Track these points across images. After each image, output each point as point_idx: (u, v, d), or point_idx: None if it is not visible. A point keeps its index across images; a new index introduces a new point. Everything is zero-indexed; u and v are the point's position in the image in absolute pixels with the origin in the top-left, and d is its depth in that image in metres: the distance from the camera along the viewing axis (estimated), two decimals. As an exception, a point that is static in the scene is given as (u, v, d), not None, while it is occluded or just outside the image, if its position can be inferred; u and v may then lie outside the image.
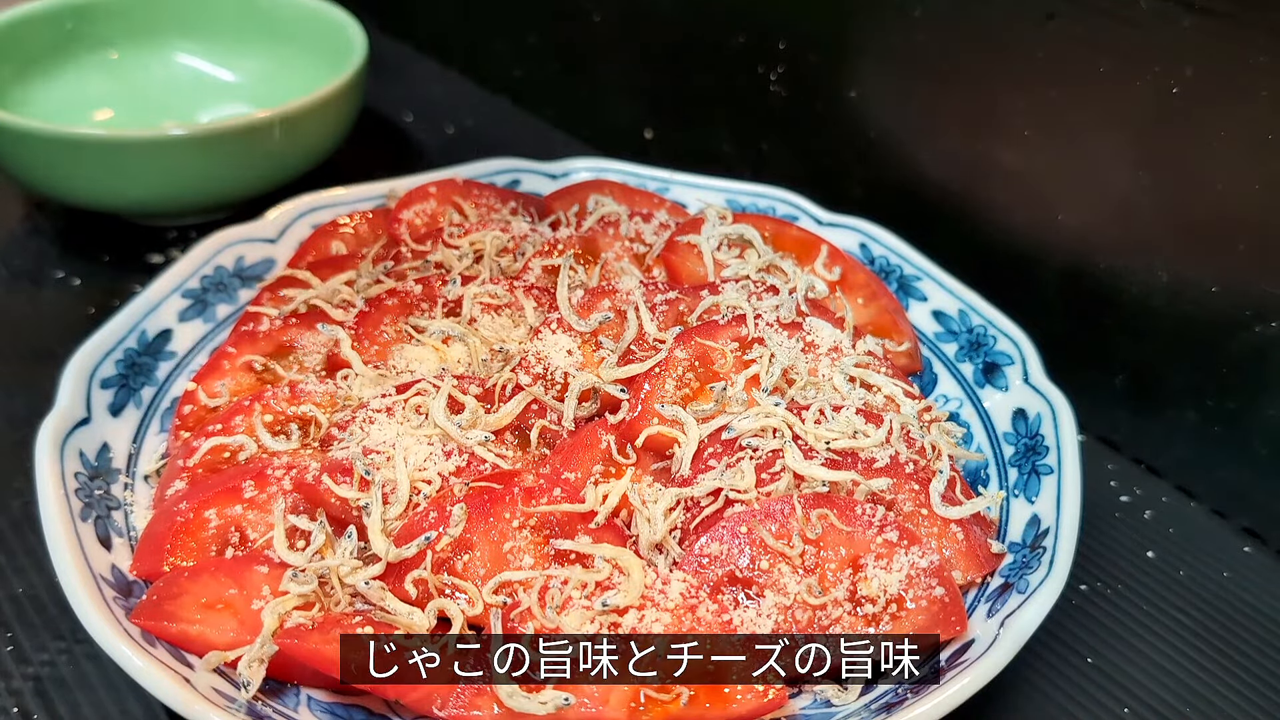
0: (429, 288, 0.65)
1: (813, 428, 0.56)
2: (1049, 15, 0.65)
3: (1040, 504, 0.56)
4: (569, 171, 0.82)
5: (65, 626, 0.55)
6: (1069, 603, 0.59)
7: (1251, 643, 0.58)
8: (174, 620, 0.48)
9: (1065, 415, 0.59)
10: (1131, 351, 0.69)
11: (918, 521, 0.54)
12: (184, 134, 0.77)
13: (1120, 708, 0.54)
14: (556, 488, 0.53)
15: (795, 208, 0.77)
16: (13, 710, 0.51)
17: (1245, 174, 0.59)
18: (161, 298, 0.66)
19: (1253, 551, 0.64)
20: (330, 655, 0.45)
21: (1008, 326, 0.65)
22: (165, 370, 0.64)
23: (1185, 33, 0.59)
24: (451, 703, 0.45)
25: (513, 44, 1.09)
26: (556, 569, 0.50)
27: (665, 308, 0.64)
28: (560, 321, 0.62)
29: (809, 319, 0.63)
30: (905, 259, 0.72)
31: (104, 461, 0.57)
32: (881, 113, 0.79)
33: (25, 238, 0.87)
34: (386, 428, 0.56)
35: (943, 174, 0.76)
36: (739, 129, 0.90)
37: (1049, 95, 0.67)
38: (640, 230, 0.73)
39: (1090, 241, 0.69)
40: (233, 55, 1.01)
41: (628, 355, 0.61)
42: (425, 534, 0.49)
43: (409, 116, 1.09)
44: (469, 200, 0.76)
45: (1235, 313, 0.62)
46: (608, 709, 0.45)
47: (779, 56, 0.83)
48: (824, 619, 0.50)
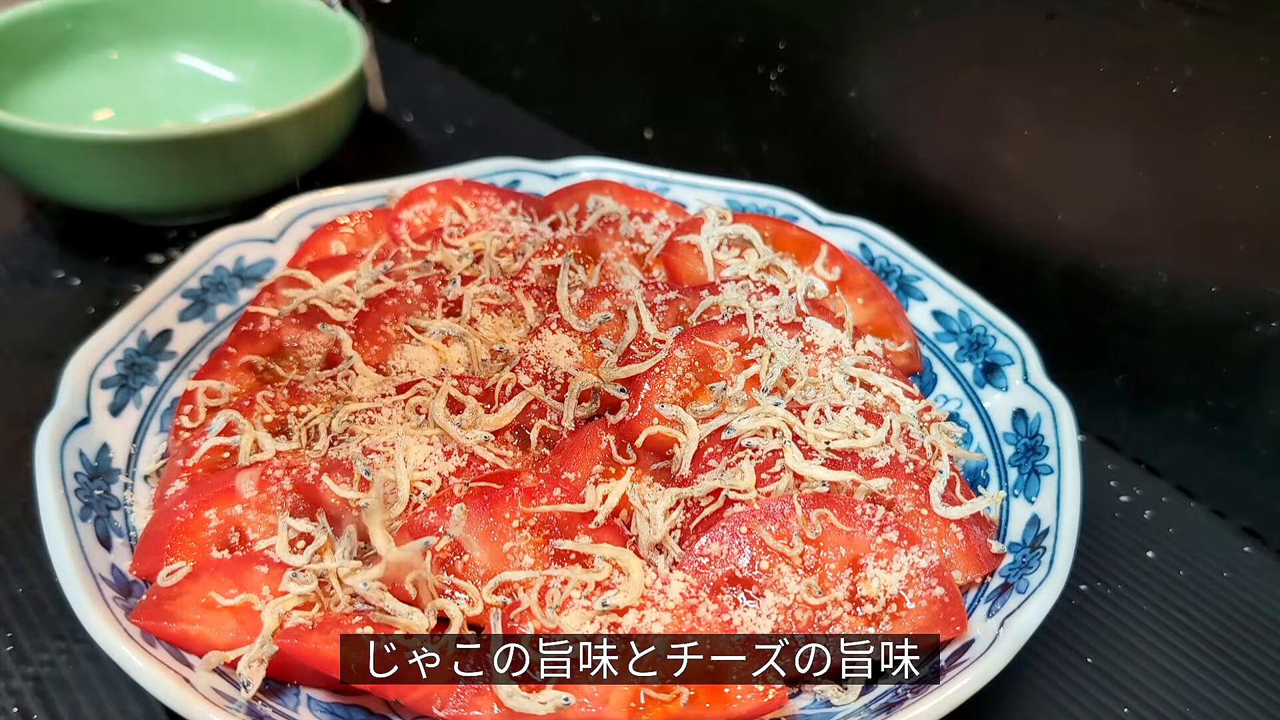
0: (429, 288, 0.65)
1: (812, 428, 0.56)
2: (1049, 15, 0.65)
3: (1040, 504, 0.56)
4: (569, 171, 0.82)
5: (65, 626, 0.55)
6: (1069, 603, 0.59)
7: (1251, 643, 0.58)
8: (174, 620, 0.48)
9: (1065, 415, 0.59)
10: (1131, 351, 0.69)
11: (918, 521, 0.54)
12: (184, 134, 0.77)
13: (1120, 708, 0.54)
14: (556, 488, 0.53)
15: (795, 208, 0.77)
16: (12, 710, 0.51)
17: (1245, 174, 0.59)
18: (161, 298, 0.66)
19: (1253, 551, 0.64)
20: (330, 655, 0.45)
21: (1008, 326, 0.65)
22: (165, 370, 0.64)
23: (1185, 33, 0.59)
24: (451, 703, 0.45)
25: (513, 44, 1.09)
26: (556, 569, 0.50)
27: (665, 308, 0.64)
28: (560, 321, 0.62)
29: (809, 319, 0.63)
30: (905, 259, 0.72)
31: (104, 461, 0.57)
32: (881, 113, 0.79)
33: (25, 238, 0.87)
34: (386, 428, 0.56)
35: (943, 174, 0.76)
36: (739, 129, 0.90)
37: (1049, 95, 0.67)
38: (640, 230, 0.73)
39: (1090, 241, 0.69)
40: (233, 55, 1.01)
41: (628, 355, 0.61)
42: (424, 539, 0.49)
43: (409, 116, 1.09)
44: (469, 200, 0.76)
45: (1235, 313, 0.62)
46: (608, 709, 0.45)
47: (779, 56, 0.83)
48: (824, 619, 0.50)
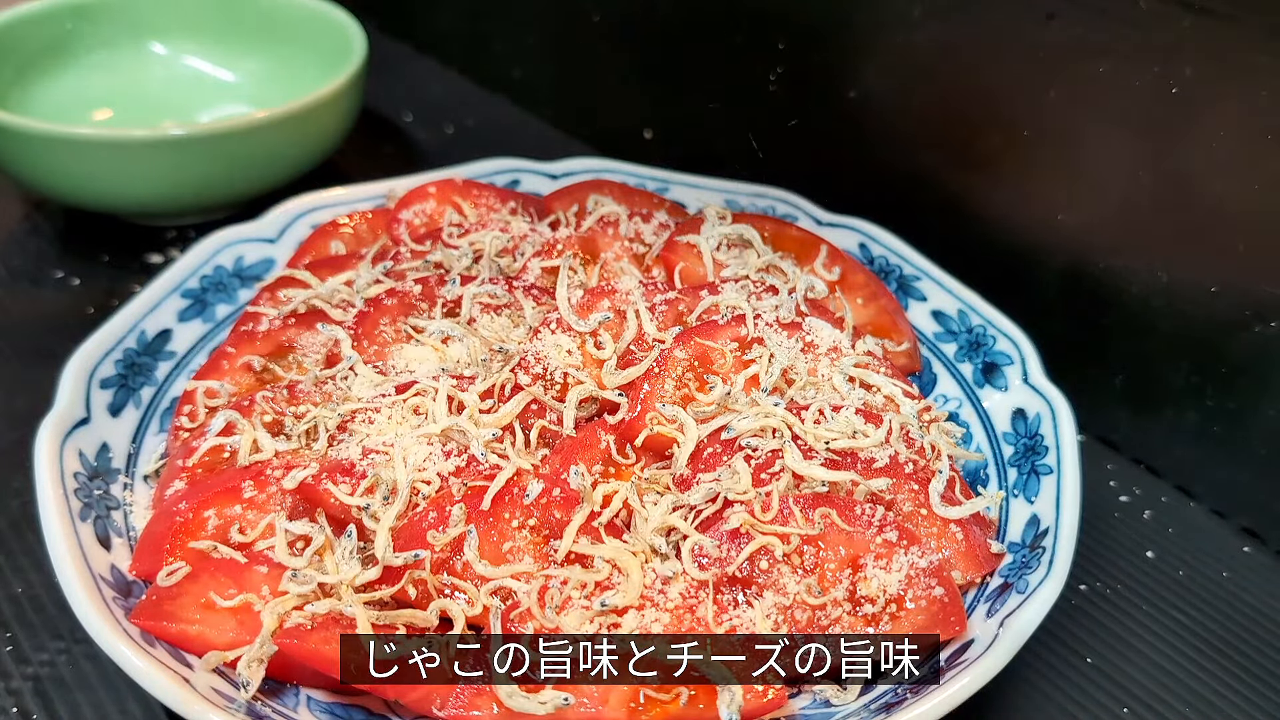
0: (428, 288, 0.65)
1: (812, 428, 0.56)
2: (1049, 15, 0.65)
3: (1040, 504, 0.56)
4: (568, 171, 0.82)
5: (64, 626, 0.55)
6: (1068, 603, 0.59)
7: (1251, 643, 0.58)
8: (173, 620, 0.48)
9: (1064, 415, 0.59)
10: (1131, 351, 0.69)
11: (917, 521, 0.54)
12: (184, 134, 0.77)
13: (1120, 708, 0.54)
14: (556, 488, 0.53)
15: (795, 208, 0.77)
16: (12, 710, 0.51)
17: (1245, 174, 0.59)
18: (161, 297, 0.66)
19: (1252, 551, 0.64)
20: (330, 655, 0.45)
21: (1007, 326, 0.65)
22: (165, 370, 0.64)
23: (1185, 33, 0.59)
24: (451, 703, 0.45)
25: (512, 44, 1.09)
26: (556, 569, 0.50)
27: (665, 308, 0.64)
28: (560, 321, 0.62)
29: (808, 319, 0.63)
30: (905, 259, 0.72)
31: (103, 461, 0.57)
32: (881, 113, 0.78)
33: (25, 238, 0.87)
34: (386, 428, 0.56)
35: (943, 174, 0.76)
36: (739, 129, 0.90)
37: (1049, 95, 0.67)
38: (640, 230, 0.73)
39: (1090, 241, 0.69)
40: (233, 55, 1.01)
41: (627, 355, 0.61)
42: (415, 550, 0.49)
43: (409, 116, 1.09)
44: (468, 200, 0.76)
45: (1235, 313, 0.62)
46: (607, 709, 0.45)
47: (779, 56, 0.83)
48: (823, 619, 0.50)
